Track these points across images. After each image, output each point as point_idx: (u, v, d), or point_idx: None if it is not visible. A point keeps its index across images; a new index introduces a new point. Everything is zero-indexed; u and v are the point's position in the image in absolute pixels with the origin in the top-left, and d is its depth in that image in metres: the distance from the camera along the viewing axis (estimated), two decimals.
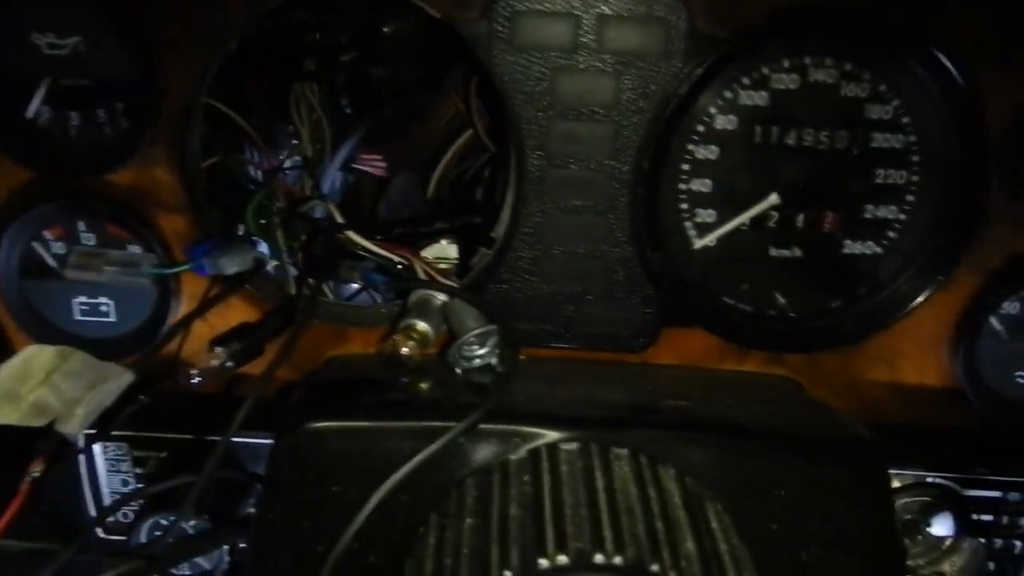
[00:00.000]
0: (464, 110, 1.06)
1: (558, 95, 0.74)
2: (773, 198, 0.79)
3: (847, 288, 0.82)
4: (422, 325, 0.75)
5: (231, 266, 0.76)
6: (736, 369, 0.83)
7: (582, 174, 0.76)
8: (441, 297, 0.78)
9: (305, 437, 0.62)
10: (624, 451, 0.58)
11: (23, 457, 0.63)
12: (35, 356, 0.60)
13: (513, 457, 0.58)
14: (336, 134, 1.09)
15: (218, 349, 0.75)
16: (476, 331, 0.73)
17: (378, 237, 0.85)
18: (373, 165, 1.16)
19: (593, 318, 0.81)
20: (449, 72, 1.08)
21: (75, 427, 0.59)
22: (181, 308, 0.83)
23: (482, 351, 0.74)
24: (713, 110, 0.77)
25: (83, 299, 0.84)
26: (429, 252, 0.96)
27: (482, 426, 0.60)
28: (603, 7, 0.71)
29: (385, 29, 1.05)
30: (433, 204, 1.06)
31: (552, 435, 0.60)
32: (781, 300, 0.82)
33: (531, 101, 0.75)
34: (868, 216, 0.80)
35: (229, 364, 0.75)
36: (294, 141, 1.09)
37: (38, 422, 0.58)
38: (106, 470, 0.85)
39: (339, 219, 0.83)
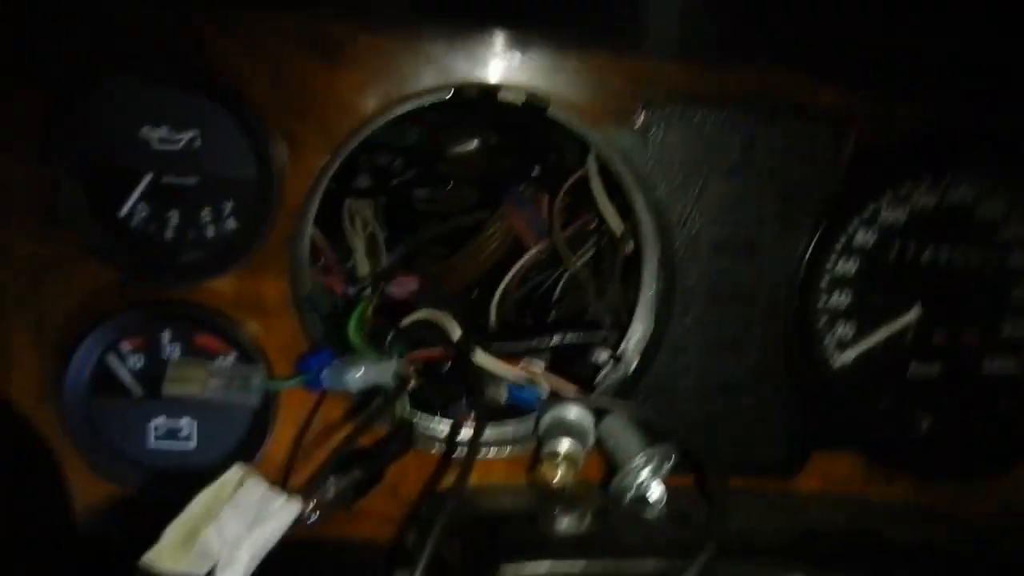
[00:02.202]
0: (522, 231, 1.03)
1: (713, 207, 0.71)
2: (914, 313, 0.77)
3: (989, 409, 0.79)
4: (568, 446, 0.68)
5: (358, 382, 0.68)
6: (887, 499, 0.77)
7: (733, 288, 0.72)
8: (575, 414, 0.71)
9: None
10: None
11: None
12: (227, 481, 0.50)
13: None
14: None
15: (333, 479, 0.65)
16: (647, 453, 0.66)
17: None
18: (402, 289, 1.10)
19: (737, 440, 0.75)
20: (511, 189, 1.04)
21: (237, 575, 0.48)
22: (276, 433, 0.73)
23: (645, 475, 0.67)
24: (855, 225, 0.76)
25: (161, 421, 0.73)
26: None
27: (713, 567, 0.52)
28: (765, 126, 0.70)
29: (456, 150, 1.02)
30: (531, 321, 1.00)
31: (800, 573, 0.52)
32: (924, 422, 0.78)
33: (684, 213, 0.71)
34: (1006, 335, 0.78)
35: (351, 496, 0.65)
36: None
37: (200, 570, 0.47)
38: None
39: (457, 333, 0.76)
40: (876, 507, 0.75)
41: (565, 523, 0.62)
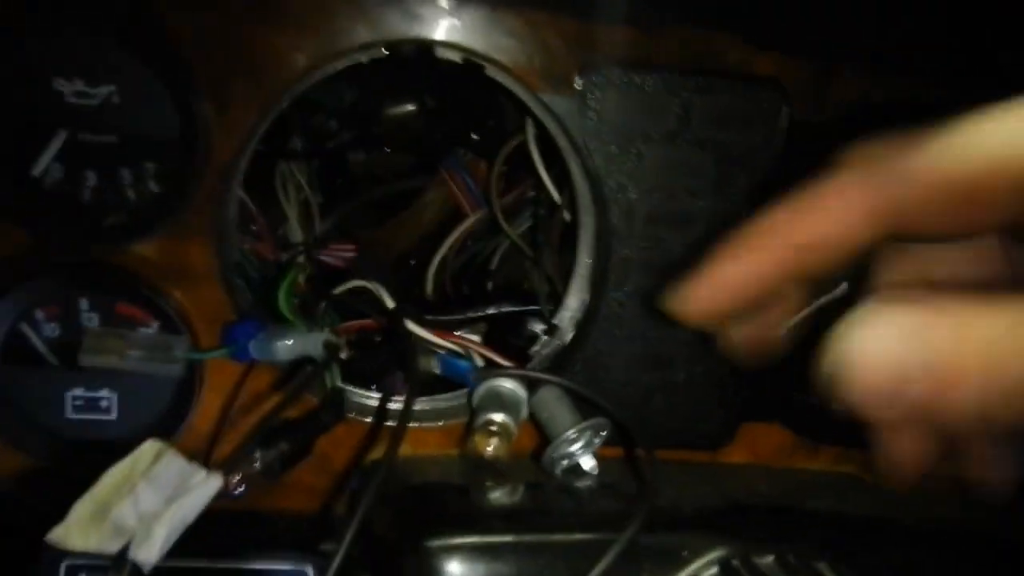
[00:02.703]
0: (461, 198, 1.01)
1: (649, 176, 0.71)
2: (842, 288, 0.78)
3: None
4: (502, 417, 0.67)
5: (287, 352, 0.66)
6: (807, 468, 0.79)
7: (668, 259, 0.72)
8: (508, 386, 0.71)
9: (433, 556, 0.51)
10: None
11: None
12: (144, 453, 0.47)
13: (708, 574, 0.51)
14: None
15: (258, 452, 0.63)
16: (580, 426, 0.65)
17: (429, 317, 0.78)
18: (337, 256, 1.08)
19: (670, 412, 0.75)
20: (450, 155, 1.02)
21: (153, 553, 0.46)
22: (201, 405, 0.71)
23: (578, 447, 0.67)
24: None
25: (79, 392, 0.70)
26: None
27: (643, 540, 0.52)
28: (702, 93, 0.69)
29: (392, 112, 1.00)
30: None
31: (727, 546, 0.53)
32: None
33: (619, 182, 0.70)
34: None
35: (277, 468, 0.64)
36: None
37: (113, 547, 0.45)
38: None
39: (390, 303, 0.74)
40: (800, 477, 0.76)
41: (497, 495, 0.61)
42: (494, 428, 0.66)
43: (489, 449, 0.65)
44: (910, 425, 0.38)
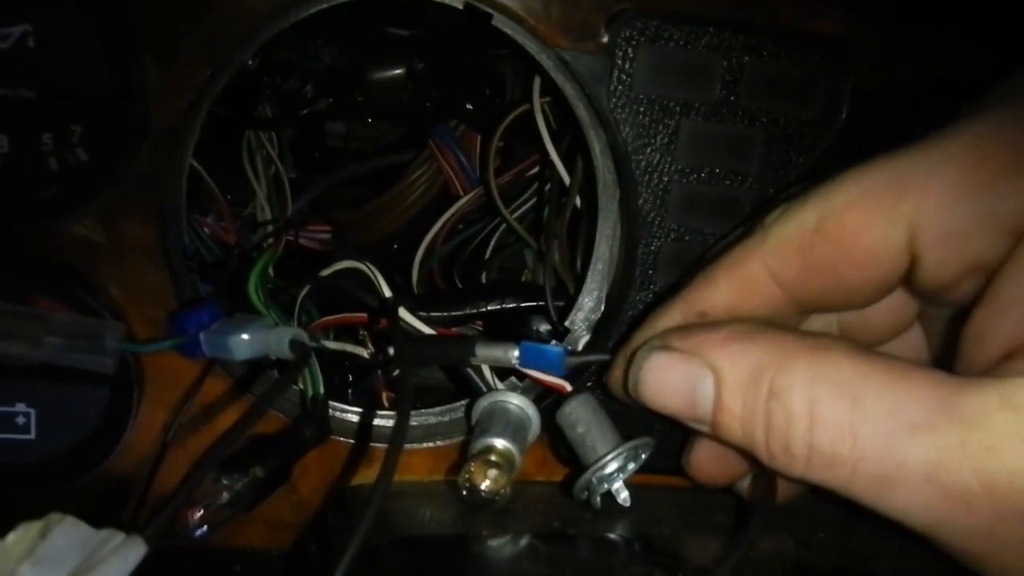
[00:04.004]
0: (452, 175, 0.90)
1: (686, 153, 0.59)
2: None
3: None
4: (503, 444, 0.56)
5: (243, 349, 0.53)
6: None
7: (706, 247, 0.61)
8: (516, 403, 0.59)
9: None
10: None
11: None
12: (13, 544, 0.35)
13: None
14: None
15: (226, 479, 0.51)
16: (626, 446, 0.54)
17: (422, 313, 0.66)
18: (314, 239, 0.96)
19: None
20: (440, 127, 0.90)
21: None
22: (140, 420, 0.58)
23: (612, 471, 0.55)
24: None
25: None
26: None
27: None
28: (754, 54, 0.57)
29: (376, 76, 0.87)
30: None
31: None
32: None
33: (649, 158, 0.59)
34: None
35: (248, 499, 0.52)
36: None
37: None
38: None
39: (387, 292, 0.62)
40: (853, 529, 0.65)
41: (504, 550, 0.50)
42: (493, 458, 0.54)
43: (487, 483, 0.53)
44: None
